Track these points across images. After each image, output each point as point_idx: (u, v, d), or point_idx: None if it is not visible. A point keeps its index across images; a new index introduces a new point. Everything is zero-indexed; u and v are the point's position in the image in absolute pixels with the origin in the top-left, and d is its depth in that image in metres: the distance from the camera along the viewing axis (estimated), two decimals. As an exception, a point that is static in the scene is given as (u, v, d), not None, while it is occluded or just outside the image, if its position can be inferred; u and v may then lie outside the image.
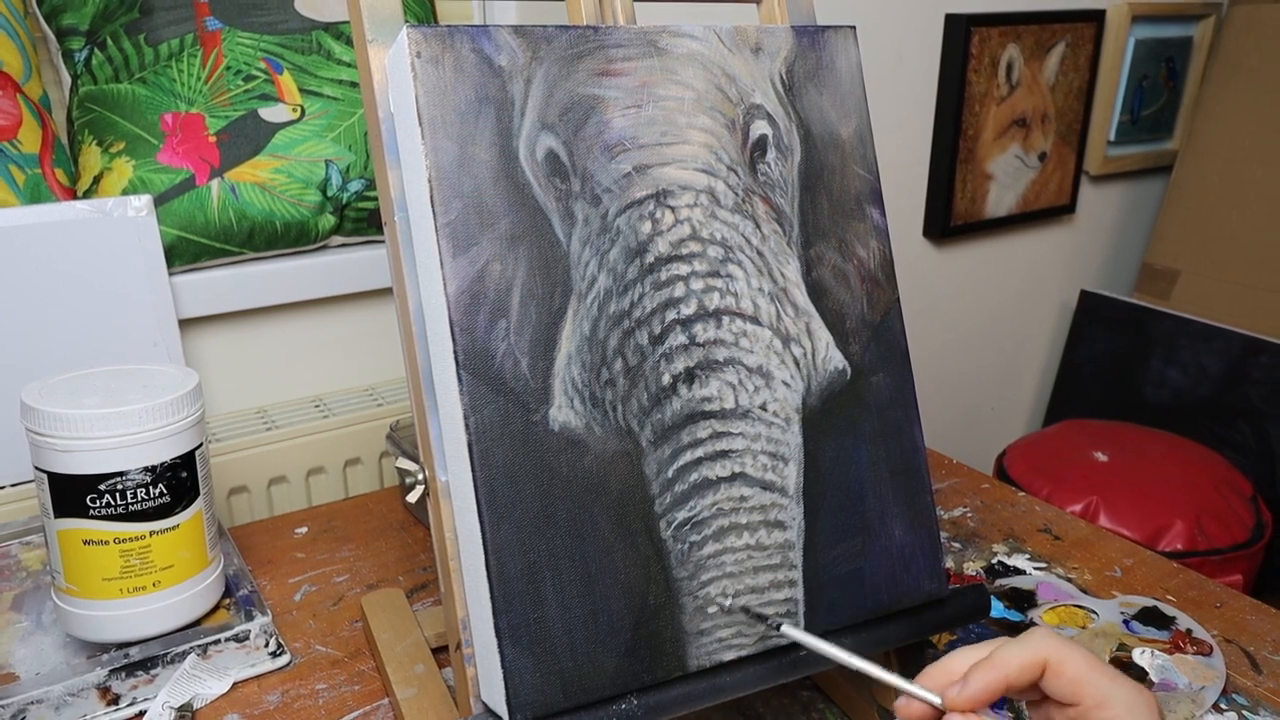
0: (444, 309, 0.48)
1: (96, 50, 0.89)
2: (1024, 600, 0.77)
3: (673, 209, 0.53)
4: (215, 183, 0.89)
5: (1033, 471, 1.37)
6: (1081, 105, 1.56)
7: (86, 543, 0.64)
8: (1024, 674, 0.42)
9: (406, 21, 0.50)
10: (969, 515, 0.91)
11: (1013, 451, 1.45)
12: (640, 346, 0.52)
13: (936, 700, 0.43)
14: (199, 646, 0.66)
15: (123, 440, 0.63)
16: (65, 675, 0.62)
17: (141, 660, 0.64)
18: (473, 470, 0.48)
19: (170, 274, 0.89)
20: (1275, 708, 0.65)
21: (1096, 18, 1.51)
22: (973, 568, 0.82)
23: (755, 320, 0.55)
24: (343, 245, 0.99)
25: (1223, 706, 0.65)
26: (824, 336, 0.57)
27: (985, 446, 1.69)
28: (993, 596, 0.77)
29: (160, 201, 0.87)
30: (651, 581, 0.51)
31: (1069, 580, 0.80)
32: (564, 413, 0.50)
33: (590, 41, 0.53)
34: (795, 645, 0.54)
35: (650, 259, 0.52)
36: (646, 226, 0.53)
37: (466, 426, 0.48)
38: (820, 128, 0.59)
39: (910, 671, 0.62)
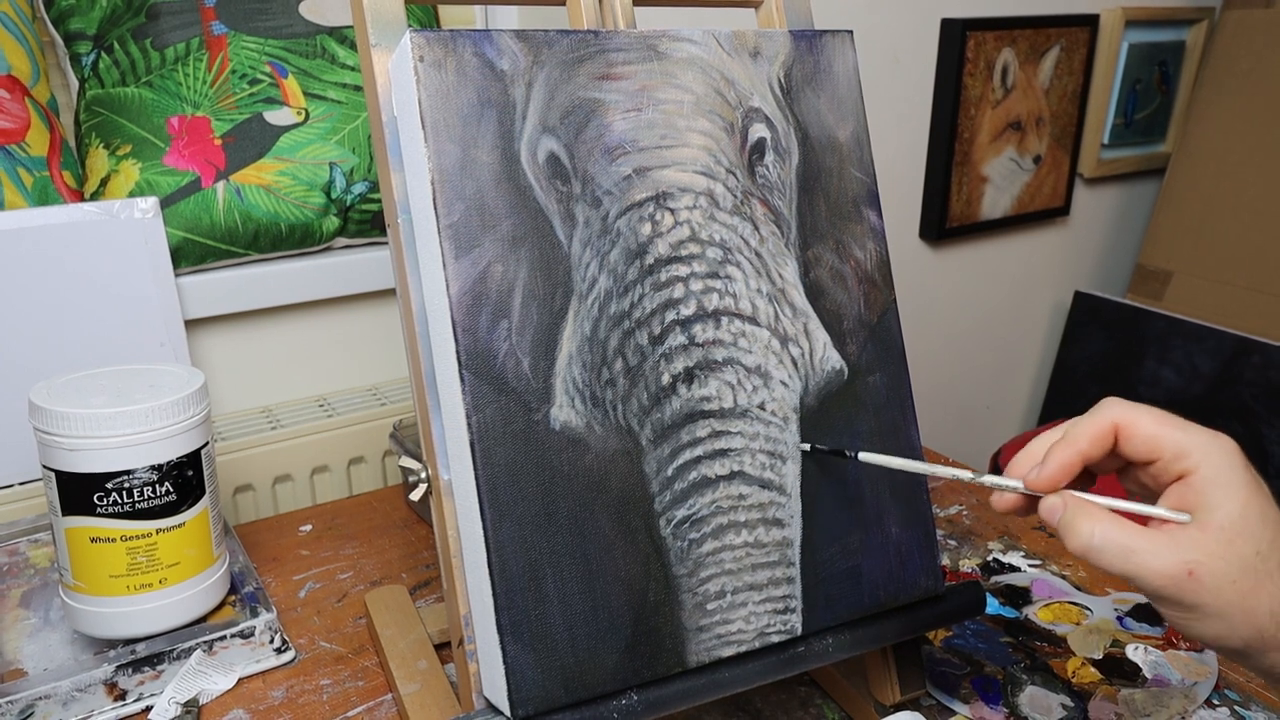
0: (447, 310, 0.49)
1: (104, 54, 0.90)
2: (1019, 597, 0.77)
3: (672, 211, 0.54)
4: (221, 185, 0.89)
5: (1028, 471, 1.38)
6: (1076, 109, 1.57)
7: (94, 540, 0.65)
8: (1096, 444, 0.42)
9: (409, 26, 0.51)
10: (964, 513, 0.91)
11: (1008, 450, 1.46)
12: (640, 347, 0.53)
13: (1019, 484, 0.44)
14: (205, 643, 0.67)
15: (129, 439, 0.64)
16: (73, 671, 0.63)
17: (148, 656, 0.65)
18: (475, 469, 0.49)
19: (176, 275, 0.90)
20: (1267, 703, 0.65)
21: (1090, 22, 1.52)
22: (968, 565, 0.83)
23: (754, 321, 0.55)
24: (347, 247, 1.00)
25: (1215, 702, 0.65)
26: (821, 337, 0.58)
27: (981, 445, 1.69)
28: (988, 593, 0.78)
29: (166, 203, 0.88)
30: (651, 578, 0.52)
31: (1063, 577, 0.81)
32: (565, 412, 0.51)
33: (591, 46, 0.54)
34: (793, 642, 0.55)
35: (650, 260, 0.53)
36: (646, 228, 0.53)
37: (469, 425, 0.49)
38: (818, 131, 0.60)
39: (909, 669, 0.63)
